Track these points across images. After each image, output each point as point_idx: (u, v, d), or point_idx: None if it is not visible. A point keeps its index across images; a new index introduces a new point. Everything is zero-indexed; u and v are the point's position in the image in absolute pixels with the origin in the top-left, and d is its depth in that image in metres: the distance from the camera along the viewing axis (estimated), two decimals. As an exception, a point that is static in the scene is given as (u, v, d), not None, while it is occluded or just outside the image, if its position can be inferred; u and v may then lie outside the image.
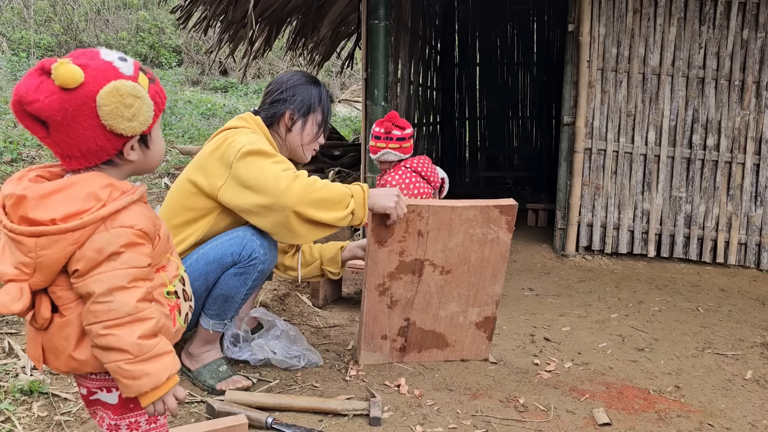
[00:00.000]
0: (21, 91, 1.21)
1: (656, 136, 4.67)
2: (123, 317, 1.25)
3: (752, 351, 3.11)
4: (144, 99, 1.27)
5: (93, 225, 1.24)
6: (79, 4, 12.95)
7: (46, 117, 1.21)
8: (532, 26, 8.51)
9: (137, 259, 1.28)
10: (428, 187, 3.69)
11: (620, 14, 4.61)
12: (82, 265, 1.24)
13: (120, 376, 1.27)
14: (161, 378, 1.29)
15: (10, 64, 8.10)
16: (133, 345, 1.25)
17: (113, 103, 1.23)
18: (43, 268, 1.24)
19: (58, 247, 1.22)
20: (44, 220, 1.22)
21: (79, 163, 1.29)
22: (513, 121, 8.80)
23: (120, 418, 1.40)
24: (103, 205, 1.25)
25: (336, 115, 11.79)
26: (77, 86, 1.21)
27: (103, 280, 1.24)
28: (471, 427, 2.29)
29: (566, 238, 4.80)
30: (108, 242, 1.25)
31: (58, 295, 1.29)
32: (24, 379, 2.27)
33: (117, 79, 1.24)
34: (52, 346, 1.31)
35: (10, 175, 4.04)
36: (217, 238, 2.35)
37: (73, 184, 1.26)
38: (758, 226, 4.59)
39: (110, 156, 1.30)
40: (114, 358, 1.26)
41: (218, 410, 2.24)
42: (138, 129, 1.28)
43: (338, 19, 6.69)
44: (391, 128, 3.60)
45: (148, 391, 1.28)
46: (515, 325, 3.42)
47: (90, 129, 1.24)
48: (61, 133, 1.24)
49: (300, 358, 2.71)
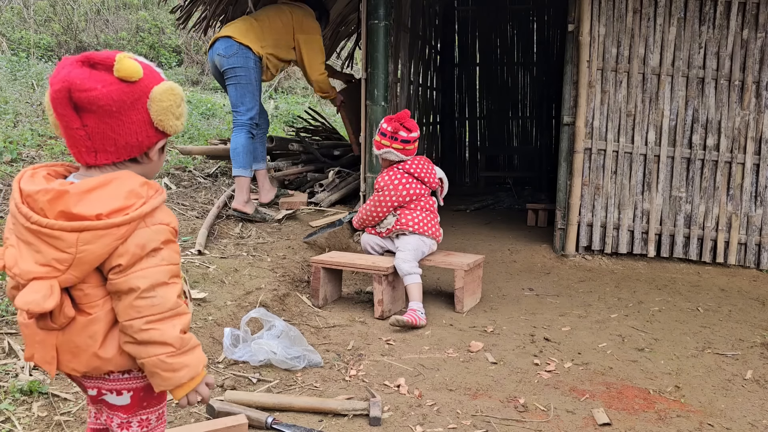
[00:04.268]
0: (72, 78, 1.22)
1: (656, 136, 4.67)
2: (165, 312, 1.28)
3: (752, 351, 3.11)
4: (185, 105, 1.37)
5: (137, 221, 1.26)
6: (79, 4, 12.94)
7: (97, 107, 1.23)
8: (532, 26, 8.50)
9: (173, 256, 1.32)
10: (421, 187, 3.70)
11: (620, 14, 4.60)
12: (125, 260, 1.25)
13: (160, 369, 1.29)
14: (198, 368, 1.34)
15: (10, 64, 8.09)
16: (176, 339, 1.29)
17: (169, 100, 1.30)
18: (82, 264, 1.23)
19: (104, 242, 1.23)
20: (89, 215, 1.22)
21: (106, 157, 1.30)
22: (513, 121, 8.79)
23: (132, 416, 1.42)
24: (144, 202, 1.28)
25: (336, 115, 11.79)
26: (137, 80, 1.26)
27: (147, 276, 1.26)
28: (471, 427, 2.29)
29: (566, 238, 4.79)
30: (149, 239, 1.27)
31: (85, 293, 1.29)
32: (24, 379, 2.27)
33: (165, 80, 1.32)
34: (72, 345, 1.30)
35: (10, 175, 4.04)
36: None
37: (112, 181, 1.27)
38: (758, 226, 4.59)
39: (140, 153, 1.34)
40: (156, 352, 1.28)
41: (218, 410, 2.24)
42: (179, 129, 1.35)
43: (338, 19, 6.68)
44: (398, 129, 3.60)
45: (186, 381, 1.32)
46: (515, 325, 3.42)
47: (137, 123, 1.29)
48: (104, 123, 1.26)
49: (300, 359, 2.71)
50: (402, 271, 3.47)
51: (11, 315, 2.67)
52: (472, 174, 8.82)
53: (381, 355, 2.93)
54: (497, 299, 3.89)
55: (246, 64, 4.43)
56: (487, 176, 8.43)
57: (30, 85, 7.15)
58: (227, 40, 4.46)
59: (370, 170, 4.61)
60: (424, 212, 3.67)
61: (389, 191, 3.64)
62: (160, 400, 1.47)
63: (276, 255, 3.97)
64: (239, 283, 3.45)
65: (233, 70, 4.44)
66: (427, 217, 3.67)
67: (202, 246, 3.74)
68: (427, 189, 3.73)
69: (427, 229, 3.63)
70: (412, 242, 3.58)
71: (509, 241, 5.27)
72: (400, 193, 3.63)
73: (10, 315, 2.67)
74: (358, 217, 3.83)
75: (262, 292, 3.41)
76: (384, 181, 3.67)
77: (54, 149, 4.87)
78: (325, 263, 3.60)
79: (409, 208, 3.67)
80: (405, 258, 3.49)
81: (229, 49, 4.42)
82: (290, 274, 3.79)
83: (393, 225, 3.67)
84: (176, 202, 4.61)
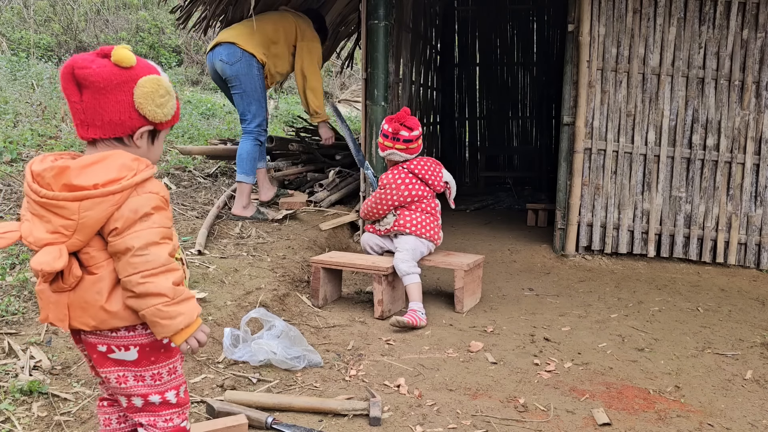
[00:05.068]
0: (77, 59, 1.47)
1: (656, 136, 4.67)
2: (158, 267, 1.45)
3: (752, 351, 3.11)
4: (173, 97, 1.55)
5: (129, 190, 1.45)
6: (79, 4, 12.94)
7: (90, 82, 1.45)
8: (532, 26, 8.50)
9: (164, 221, 1.50)
10: (424, 189, 3.69)
11: (620, 14, 4.60)
12: (120, 223, 1.44)
13: (158, 318, 1.46)
14: (192, 316, 1.51)
15: (10, 64, 8.09)
16: (170, 289, 1.46)
17: (151, 87, 1.49)
18: (85, 228, 1.43)
19: (101, 208, 1.42)
20: (87, 186, 1.42)
21: (95, 132, 1.50)
22: (513, 121, 8.79)
23: (144, 369, 1.58)
24: (135, 174, 1.47)
25: (334, 116, 11.79)
26: (128, 67, 1.48)
27: (140, 236, 1.45)
28: (471, 427, 2.29)
29: (566, 238, 4.79)
30: (141, 204, 1.46)
31: (91, 255, 1.48)
32: (24, 379, 2.27)
33: (159, 75, 1.53)
34: (81, 302, 1.48)
35: (10, 175, 4.05)
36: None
37: (107, 157, 1.47)
38: (758, 226, 4.59)
39: (124, 134, 1.52)
40: (153, 303, 1.45)
41: (218, 410, 2.24)
42: (159, 117, 1.52)
43: (338, 19, 6.67)
44: (399, 129, 3.59)
45: (183, 328, 1.48)
46: (515, 325, 3.42)
47: (121, 103, 1.48)
48: (95, 99, 1.47)
49: (300, 359, 2.71)
50: (401, 271, 3.47)
51: (11, 315, 2.67)
52: (472, 174, 8.82)
53: (381, 355, 2.93)
54: (497, 299, 3.89)
55: (250, 72, 4.40)
56: (487, 176, 8.43)
57: (30, 85, 7.15)
58: (230, 46, 4.42)
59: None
60: (424, 214, 3.67)
61: (391, 190, 3.64)
62: (168, 356, 1.61)
63: (276, 255, 3.97)
64: (239, 283, 3.45)
65: (237, 78, 4.41)
66: (427, 219, 3.66)
67: (202, 246, 3.74)
68: (430, 191, 3.72)
69: (424, 231, 3.62)
70: (410, 242, 3.58)
71: (509, 241, 5.27)
72: (401, 193, 3.63)
73: (10, 315, 2.67)
74: (363, 206, 3.85)
75: (262, 292, 3.41)
76: (387, 179, 3.66)
77: (54, 149, 4.87)
78: (325, 263, 3.60)
79: (409, 209, 3.67)
80: (403, 258, 3.49)
81: (233, 56, 4.39)
82: (290, 274, 3.79)
83: (392, 225, 3.67)
84: (176, 202, 4.61)
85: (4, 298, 2.76)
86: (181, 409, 1.66)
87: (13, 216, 3.60)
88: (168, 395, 1.62)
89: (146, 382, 1.59)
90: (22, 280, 2.90)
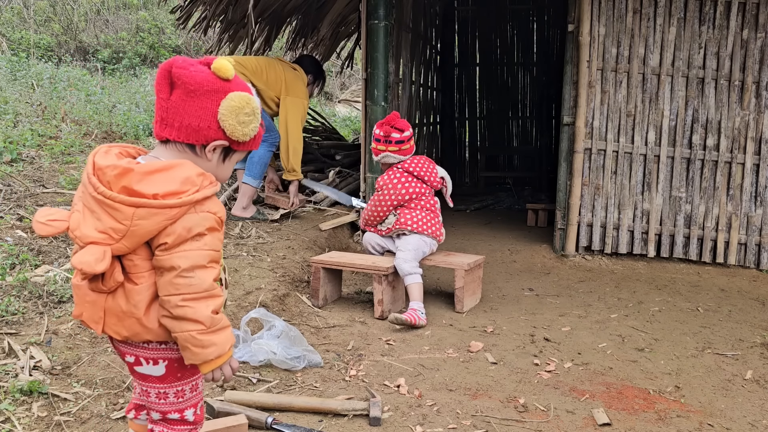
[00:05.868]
0: (178, 58, 1.47)
1: (656, 136, 4.67)
2: (201, 292, 1.41)
3: (752, 351, 3.11)
4: (257, 121, 1.52)
5: (187, 206, 1.40)
6: (79, 4, 12.94)
7: (182, 82, 1.44)
8: (532, 26, 8.50)
9: (215, 243, 1.45)
10: (422, 186, 3.70)
11: (620, 14, 4.60)
12: (171, 239, 1.39)
13: (190, 344, 1.42)
14: (225, 347, 1.46)
15: (10, 64, 8.09)
16: (207, 318, 1.41)
17: (239, 103, 1.47)
18: (134, 236, 1.38)
19: (155, 220, 1.38)
20: (147, 194, 1.38)
21: (170, 133, 1.48)
22: (513, 121, 8.79)
23: (168, 386, 1.55)
24: (197, 190, 1.42)
25: (336, 116, 11.78)
26: (224, 78, 1.47)
27: (188, 257, 1.40)
28: (471, 427, 2.29)
29: (566, 238, 4.79)
30: (196, 223, 1.41)
31: (135, 263, 1.43)
32: (24, 379, 2.26)
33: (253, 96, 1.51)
34: (118, 310, 1.44)
35: (10, 175, 4.04)
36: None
37: (173, 167, 1.43)
38: (758, 226, 4.59)
39: (198, 142, 1.49)
40: (188, 328, 1.41)
41: (218, 410, 2.24)
42: (237, 134, 1.49)
43: (338, 19, 6.68)
44: (390, 131, 3.63)
45: (213, 359, 1.44)
46: (515, 325, 3.42)
47: (204, 110, 1.46)
48: (181, 100, 1.45)
49: (300, 359, 2.71)
50: (402, 271, 3.47)
51: (11, 315, 2.67)
52: (472, 174, 8.82)
53: (381, 355, 2.93)
54: (497, 299, 3.89)
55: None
56: (487, 176, 8.43)
57: (30, 85, 7.15)
58: None
59: (370, 170, 4.61)
60: (424, 211, 3.67)
61: (388, 191, 3.65)
62: (194, 372, 1.58)
63: (276, 255, 3.97)
64: (239, 283, 3.45)
65: None
66: (427, 216, 3.67)
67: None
68: (428, 188, 3.73)
69: (426, 228, 3.63)
70: (412, 242, 3.58)
71: (509, 241, 5.27)
72: (399, 192, 3.64)
73: (10, 315, 2.67)
74: (362, 217, 3.85)
75: (262, 292, 3.41)
76: (384, 180, 3.70)
77: (54, 149, 4.87)
78: (325, 263, 3.60)
79: (409, 208, 3.67)
80: (405, 258, 3.49)
81: None
82: (290, 274, 3.79)
83: (393, 224, 3.68)
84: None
85: (4, 298, 2.76)
86: (195, 427, 1.65)
87: (13, 216, 3.60)
88: (187, 413, 1.61)
89: (169, 399, 1.57)
90: (22, 280, 2.90)
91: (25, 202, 3.79)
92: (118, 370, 2.47)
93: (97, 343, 2.62)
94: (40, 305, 2.78)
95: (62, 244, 3.39)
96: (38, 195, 3.95)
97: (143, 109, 7.15)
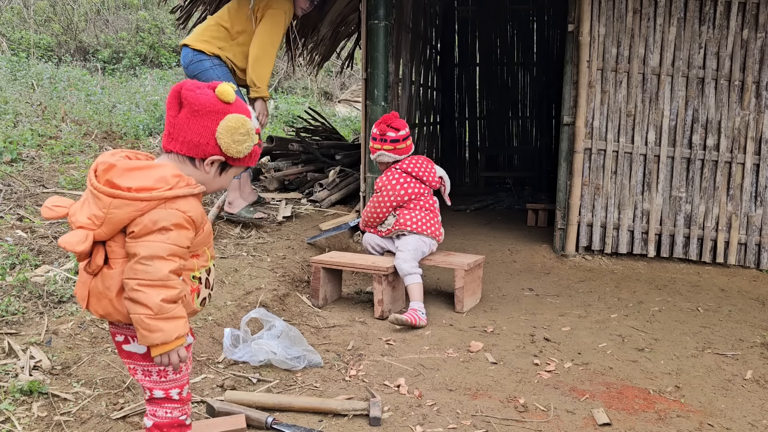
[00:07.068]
0: (188, 82, 1.67)
1: (656, 136, 4.66)
2: (155, 280, 1.54)
3: (752, 351, 3.11)
4: (251, 141, 1.69)
5: (157, 201, 1.56)
6: (79, 4, 12.94)
7: (189, 103, 1.63)
8: (532, 26, 8.49)
9: (180, 239, 1.59)
10: (421, 186, 3.71)
11: (620, 14, 4.60)
12: (138, 228, 1.55)
13: (139, 326, 1.56)
14: (171, 336, 1.58)
15: (10, 64, 8.09)
16: (156, 305, 1.54)
17: (234, 124, 1.65)
18: (110, 224, 1.56)
19: (126, 210, 1.55)
20: (123, 187, 1.56)
21: (174, 146, 1.67)
22: (513, 121, 8.79)
23: (151, 364, 1.70)
24: (169, 188, 1.58)
25: (336, 116, 11.79)
26: (226, 102, 1.66)
27: (149, 247, 1.55)
28: (471, 427, 2.29)
29: (566, 238, 4.79)
30: (162, 218, 1.56)
31: (112, 249, 1.60)
32: (24, 379, 2.27)
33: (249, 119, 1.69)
34: (97, 291, 1.62)
35: (10, 175, 4.05)
36: None
37: (152, 167, 1.60)
38: (758, 226, 4.59)
39: (197, 156, 1.67)
40: (138, 311, 1.55)
41: (218, 410, 2.24)
42: (231, 152, 1.67)
43: (338, 19, 6.67)
44: (385, 130, 3.66)
45: (159, 344, 1.57)
46: (515, 325, 3.42)
47: (205, 128, 1.65)
48: (187, 118, 1.64)
49: (300, 359, 2.71)
50: (402, 271, 3.47)
51: (11, 315, 2.67)
52: (472, 174, 8.82)
53: (381, 355, 2.93)
54: (497, 299, 3.89)
55: (203, 70, 4.21)
56: (487, 176, 8.43)
57: (30, 85, 7.15)
58: (184, 49, 4.31)
59: (370, 170, 4.60)
60: (423, 211, 3.68)
61: (387, 191, 3.66)
62: None
63: (276, 255, 3.97)
64: (239, 283, 3.46)
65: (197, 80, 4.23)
66: (427, 216, 3.67)
67: (202, 246, 3.73)
68: (427, 188, 3.74)
69: (426, 228, 3.63)
70: (411, 242, 3.58)
71: (509, 241, 5.27)
72: (398, 192, 3.65)
73: (10, 315, 2.67)
74: (362, 219, 3.86)
75: (262, 292, 3.41)
76: (382, 181, 3.70)
77: (54, 149, 4.87)
78: (325, 263, 3.60)
79: (408, 208, 3.68)
80: (405, 258, 3.49)
81: (185, 58, 4.29)
82: (290, 274, 3.79)
83: (393, 225, 3.68)
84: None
85: (4, 298, 2.76)
86: (183, 405, 1.78)
87: (13, 216, 3.60)
88: (172, 393, 1.75)
89: (152, 378, 1.72)
90: (22, 280, 2.90)
91: (25, 202, 3.79)
92: (118, 370, 2.47)
93: (97, 343, 2.62)
94: (40, 305, 2.78)
95: (62, 244, 3.39)
96: (38, 195, 3.95)
97: (143, 109, 7.15)
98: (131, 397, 2.35)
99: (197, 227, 1.65)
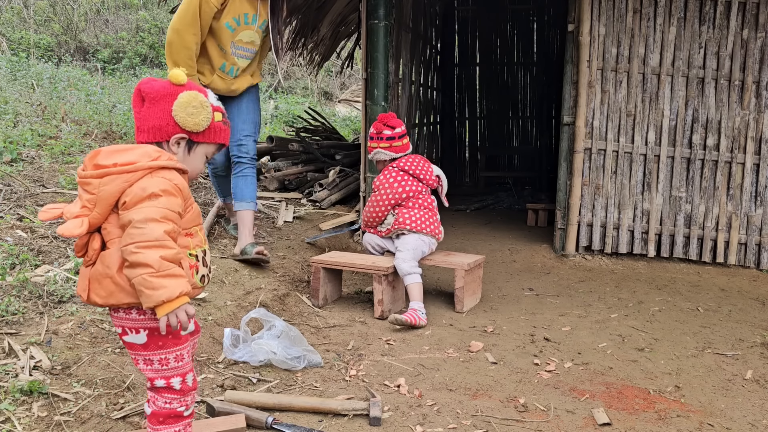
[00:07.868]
0: (146, 78, 1.79)
1: (656, 136, 4.67)
2: (152, 241, 1.59)
3: (752, 351, 3.11)
4: (206, 113, 1.78)
5: (143, 171, 1.65)
6: (79, 4, 12.95)
7: (146, 94, 1.75)
8: (532, 26, 8.50)
9: (171, 204, 1.65)
10: (419, 185, 3.72)
11: (620, 14, 4.60)
12: (129, 198, 1.62)
13: (143, 287, 1.59)
14: (174, 291, 1.60)
15: (10, 64, 8.09)
16: (156, 261, 1.58)
17: (187, 99, 1.75)
18: (102, 201, 1.63)
19: (115, 183, 1.63)
20: (109, 165, 1.66)
21: (143, 137, 1.76)
22: (513, 121, 8.79)
23: (152, 353, 1.75)
24: (152, 159, 1.67)
25: (336, 115, 11.78)
26: (178, 84, 1.76)
27: (142, 211, 1.61)
28: (471, 427, 2.29)
29: (566, 238, 4.79)
30: (151, 184, 1.64)
31: (108, 231, 1.67)
32: (24, 379, 2.26)
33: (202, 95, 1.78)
34: (97, 274, 1.68)
35: (10, 175, 4.04)
36: None
37: (134, 147, 1.71)
38: (758, 226, 4.59)
39: (162, 139, 1.77)
40: (140, 272, 1.58)
41: (218, 410, 2.24)
42: (189, 126, 1.76)
43: (338, 19, 6.68)
44: (382, 128, 3.71)
45: (164, 301, 1.59)
46: (515, 325, 3.42)
47: (163, 111, 1.75)
48: (147, 108, 1.75)
49: (300, 359, 2.71)
50: (402, 271, 3.47)
51: (11, 315, 2.67)
52: (472, 174, 8.82)
53: (381, 355, 2.93)
54: (497, 299, 3.89)
55: None
56: (487, 176, 8.43)
57: (30, 85, 7.15)
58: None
59: (370, 170, 4.61)
60: (422, 210, 3.68)
61: (385, 190, 3.66)
62: (176, 342, 1.76)
63: (276, 255, 3.97)
64: (239, 283, 3.45)
65: None
66: (426, 214, 3.68)
67: (202, 246, 3.72)
68: (425, 187, 3.74)
69: (425, 227, 3.63)
70: (411, 242, 3.58)
71: (509, 241, 5.27)
72: (396, 190, 3.65)
73: (10, 315, 2.67)
74: (362, 219, 3.87)
75: (262, 292, 3.41)
76: (380, 180, 3.71)
77: (54, 149, 4.87)
78: (325, 263, 3.60)
79: (407, 207, 3.68)
80: (405, 258, 3.49)
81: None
82: (290, 274, 3.79)
83: (392, 225, 3.68)
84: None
85: (4, 298, 2.76)
86: (184, 396, 1.81)
87: (13, 216, 3.60)
88: (173, 381, 1.78)
89: (153, 366, 1.76)
90: (22, 280, 2.90)
91: (25, 202, 3.79)
92: (118, 370, 2.47)
93: (97, 343, 2.62)
94: (40, 305, 2.78)
95: (62, 244, 3.39)
96: (38, 195, 3.95)
97: (143, 109, 7.13)
98: (131, 397, 2.35)
99: (185, 197, 1.72)
